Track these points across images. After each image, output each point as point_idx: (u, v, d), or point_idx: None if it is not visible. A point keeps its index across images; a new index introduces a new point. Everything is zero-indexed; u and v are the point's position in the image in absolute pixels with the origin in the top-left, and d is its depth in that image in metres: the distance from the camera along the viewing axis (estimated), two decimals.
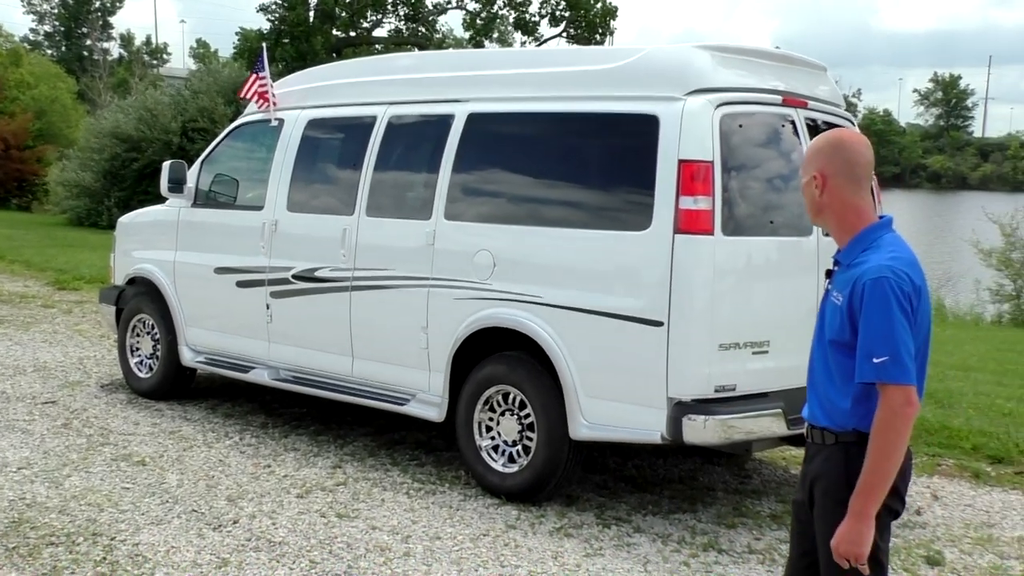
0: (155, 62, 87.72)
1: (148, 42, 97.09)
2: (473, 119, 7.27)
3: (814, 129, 6.94)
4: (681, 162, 6.20)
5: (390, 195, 7.68)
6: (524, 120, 7.15)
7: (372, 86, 8.13)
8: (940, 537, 6.57)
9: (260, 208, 8.42)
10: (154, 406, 9.07)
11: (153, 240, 9.45)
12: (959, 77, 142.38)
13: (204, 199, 9.07)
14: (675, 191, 6.17)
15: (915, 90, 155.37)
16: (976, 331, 18.10)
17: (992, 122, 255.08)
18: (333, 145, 8.42)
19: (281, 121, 8.55)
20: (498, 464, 6.93)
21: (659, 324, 6.19)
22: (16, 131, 34.85)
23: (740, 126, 6.46)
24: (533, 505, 6.75)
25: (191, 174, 9.09)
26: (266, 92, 8.66)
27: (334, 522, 6.37)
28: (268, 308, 8.29)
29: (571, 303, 6.54)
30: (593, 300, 6.46)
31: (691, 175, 6.17)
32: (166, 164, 9.10)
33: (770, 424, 6.33)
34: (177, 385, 9.32)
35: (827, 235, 6.72)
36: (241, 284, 8.50)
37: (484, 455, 6.99)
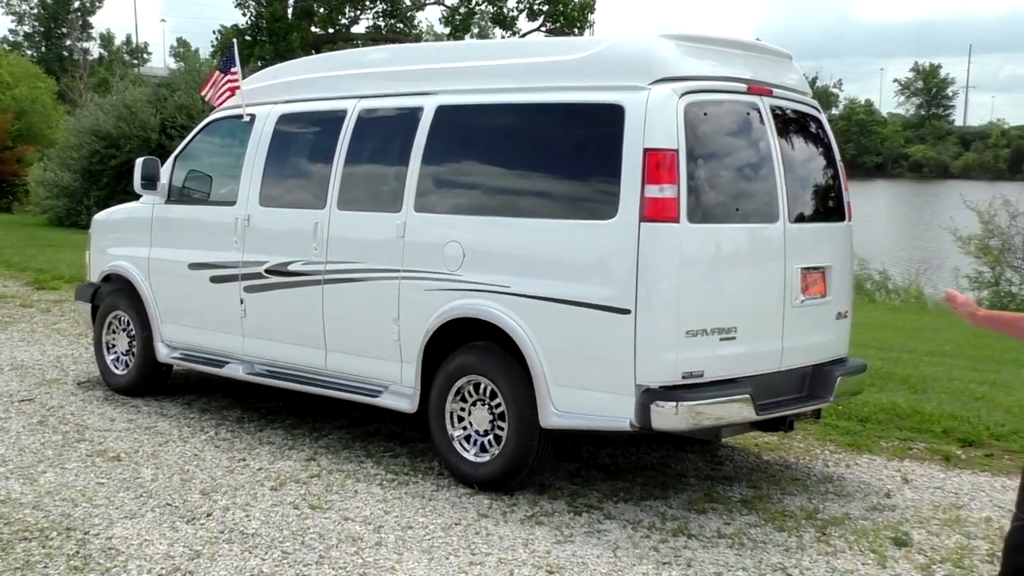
0: (135, 61, 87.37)
1: (128, 41, 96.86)
2: (442, 111, 7.31)
3: (780, 117, 7.02)
4: (646, 151, 6.24)
5: (361, 188, 7.71)
6: (492, 112, 7.18)
7: (342, 80, 8.16)
8: (909, 519, 6.64)
9: (232, 203, 8.44)
10: (130, 402, 9.09)
11: (128, 237, 9.47)
12: (939, 66, 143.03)
13: (178, 195, 9.08)
14: (641, 180, 6.22)
15: (896, 80, 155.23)
16: (955, 318, 18.19)
17: (973, 110, 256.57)
18: (304, 140, 8.44)
19: (253, 116, 8.57)
20: (470, 454, 6.98)
21: (626, 312, 6.24)
22: None
23: (705, 114, 6.51)
24: (505, 494, 6.80)
25: (164, 171, 9.10)
26: (235, 87, 8.69)
27: (307, 513, 6.41)
28: (242, 303, 8.32)
29: (539, 292, 6.59)
30: (561, 289, 6.50)
31: (656, 164, 6.22)
32: (139, 161, 9.11)
33: (739, 410, 6.39)
34: (153, 381, 9.34)
35: (794, 222, 6.84)
36: (215, 279, 8.53)
37: (456, 445, 7.04)
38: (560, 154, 6.84)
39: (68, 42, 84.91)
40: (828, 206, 7.39)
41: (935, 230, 31.75)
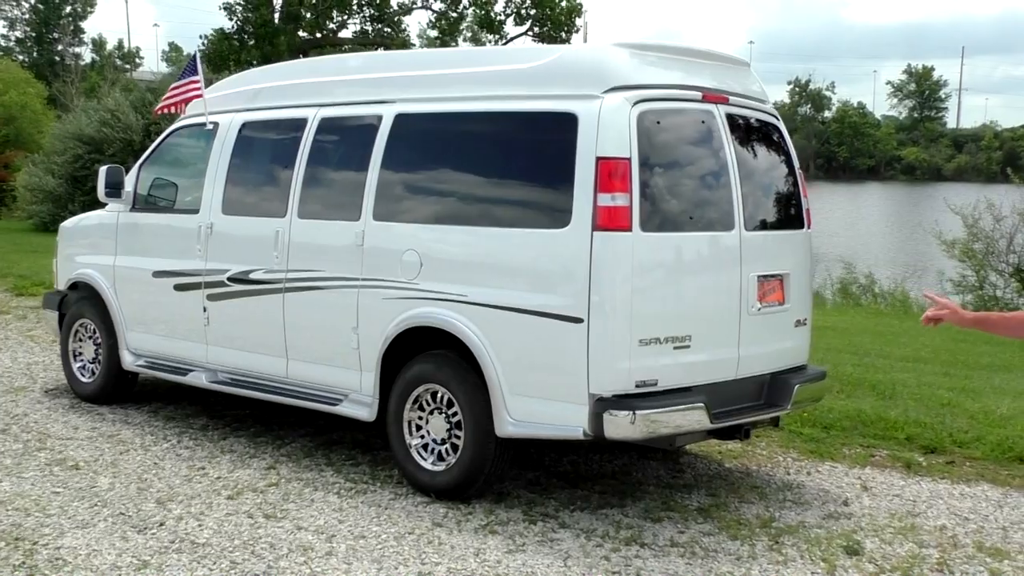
0: (127, 66, 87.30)
1: (120, 46, 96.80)
2: (400, 120, 7.31)
3: (737, 125, 7.02)
4: (599, 159, 6.25)
5: (321, 196, 7.72)
6: (449, 120, 7.18)
7: (303, 88, 8.17)
8: (863, 527, 6.63)
9: (196, 211, 8.44)
10: (96, 410, 9.07)
11: (94, 245, 9.46)
12: (932, 69, 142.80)
13: (142, 203, 9.07)
14: (593, 188, 6.22)
15: (889, 82, 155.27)
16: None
17: (966, 113, 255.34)
18: (266, 148, 8.43)
19: (216, 124, 8.56)
20: (427, 462, 6.97)
21: (579, 321, 6.24)
22: None
23: (659, 123, 6.52)
24: (462, 503, 6.79)
25: (129, 179, 9.09)
26: (197, 95, 8.70)
27: (260, 523, 6.40)
28: (205, 311, 8.31)
29: (495, 301, 6.59)
30: (516, 298, 6.50)
31: (609, 172, 6.22)
32: (102, 169, 9.11)
33: (693, 418, 6.38)
34: (119, 389, 9.33)
35: (751, 230, 6.84)
36: (179, 287, 8.52)
37: (414, 454, 7.03)
38: (515, 163, 6.85)
39: (60, 47, 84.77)
40: (787, 214, 7.40)
41: (922, 233, 31.79)
